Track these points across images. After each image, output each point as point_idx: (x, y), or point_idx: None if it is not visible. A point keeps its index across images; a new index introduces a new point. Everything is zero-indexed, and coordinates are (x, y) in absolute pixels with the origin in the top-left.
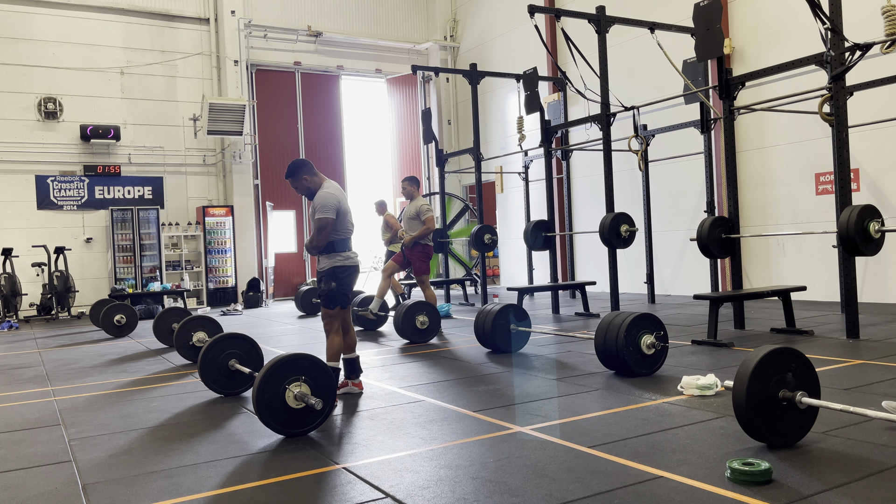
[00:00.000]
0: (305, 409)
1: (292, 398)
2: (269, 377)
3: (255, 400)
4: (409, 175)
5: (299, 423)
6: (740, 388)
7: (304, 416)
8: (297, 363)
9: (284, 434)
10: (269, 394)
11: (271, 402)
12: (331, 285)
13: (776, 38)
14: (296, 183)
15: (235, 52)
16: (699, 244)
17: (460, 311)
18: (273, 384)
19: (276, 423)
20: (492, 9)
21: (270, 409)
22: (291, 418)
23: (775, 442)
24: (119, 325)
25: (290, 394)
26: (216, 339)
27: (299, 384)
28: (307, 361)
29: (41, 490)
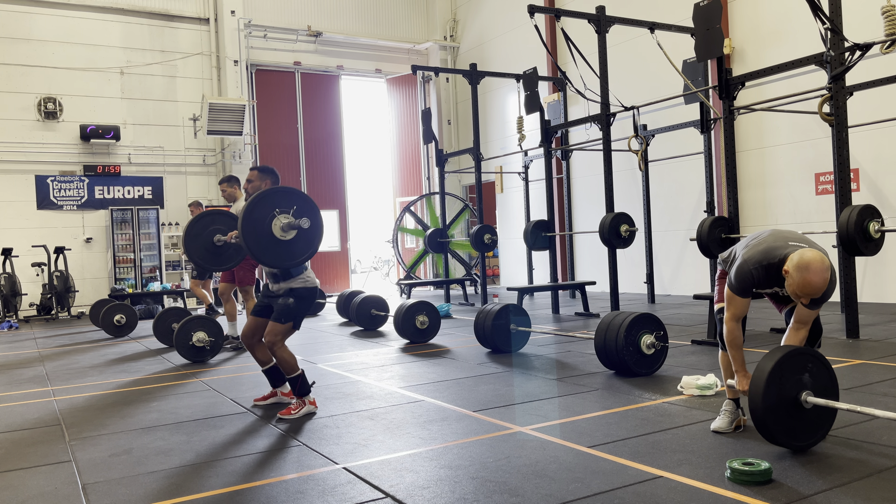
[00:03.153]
0: (296, 237)
1: (279, 229)
2: (249, 214)
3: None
4: (230, 174)
5: (292, 253)
6: (757, 390)
7: (298, 244)
8: (269, 198)
9: (281, 266)
10: (257, 229)
11: (260, 239)
12: (288, 301)
13: (776, 38)
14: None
15: (235, 52)
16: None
17: (460, 311)
18: (257, 216)
19: (268, 257)
20: (492, 9)
21: (259, 242)
22: (284, 251)
23: (791, 446)
24: (119, 325)
25: (276, 227)
26: (197, 216)
27: (282, 216)
28: (281, 193)
29: (41, 490)
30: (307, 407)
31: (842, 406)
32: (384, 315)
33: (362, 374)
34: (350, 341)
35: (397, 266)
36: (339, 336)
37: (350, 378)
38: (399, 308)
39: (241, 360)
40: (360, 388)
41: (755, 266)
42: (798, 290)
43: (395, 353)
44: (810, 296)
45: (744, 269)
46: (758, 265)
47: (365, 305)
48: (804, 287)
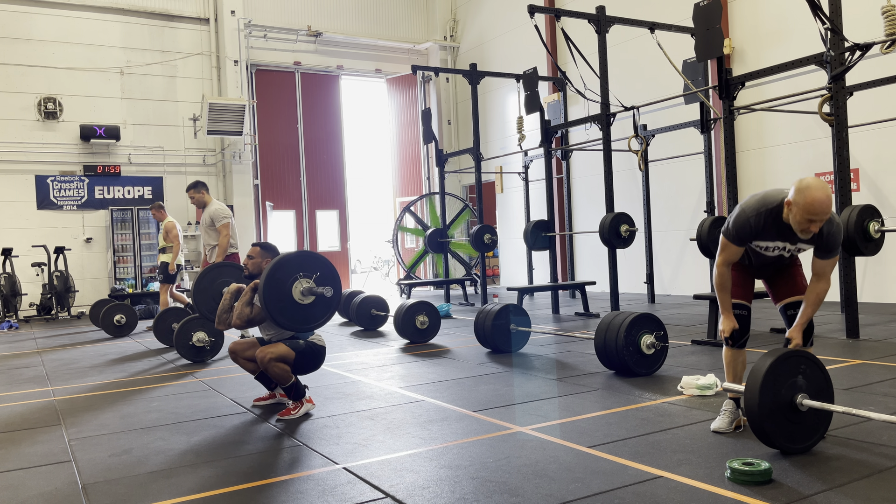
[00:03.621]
0: (315, 301)
1: (298, 294)
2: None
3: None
4: (196, 180)
5: (311, 317)
6: (752, 396)
7: (316, 308)
8: (307, 260)
9: (301, 330)
10: (276, 295)
11: (282, 301)
12: (299, 342)
13: (776, 38)
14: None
15: (235, 52)
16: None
17: (460, 311)
18: (280, 281)
19: (287, 321)
20: (492, 9)
21: (281, 308)
22: (300, 312)
23: (791, 449)
24: (119, 325)
25: (296, 291)
26: (206, 269)
27: (301, 281)
28: (303, 257)
29: (41, 490)
30: (305, 406)
31: (837, 409)
32: (384, 315)
33: (362, 374)
34: (350, 341)
35: (397, 266)
36: (339, 336)
37: (350, 378)
38: (399, 308)
39: None
40: (360, 388)
41: (753, 213)
42: (806, 212)
43: (395, 353)
44: (819, 216)
45: (741, 218)
46: (756, 212)
47: (365, 305)
48: (810, 206)
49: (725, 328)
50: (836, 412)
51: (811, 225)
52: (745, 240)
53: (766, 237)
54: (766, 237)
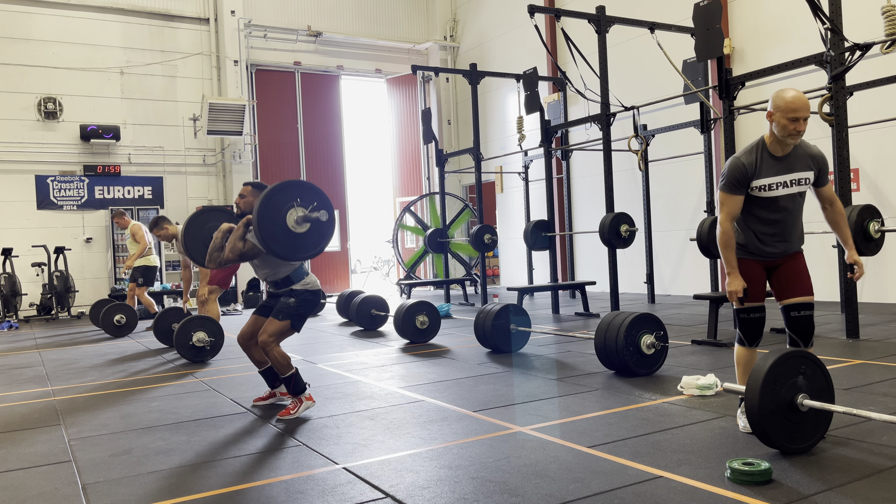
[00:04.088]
0: (311, 229)
1: (293, 223)
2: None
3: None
4: (155, 217)
5: (307, 245)
6: (753, 395)
7: (312, 237)
8: (286, 190)
9: (298, 259)
10: (270, 220)
11: (275, 229)
12: (289, 301)
13: (776, 38)
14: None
15: (235, 52)
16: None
17: (460, 311)
18: (272, 210)
19: (287, 253)
20: (492, 9)
21: (279, 243)
22: (299, 243)
23: (791, 449)
24: (119, 325)
25: (290, 220)
26: (197, 212)
27: (295, 209)
28: (294, 186)
29: (41, 490)
30: (305, 404)
31: (837, 409)
32: (384, 315)
33: (362, 374)
34: (350, 341)
35: (397, 266)
36: (339, 336)
37: (350, 378)
38: (399, 308)
39: (242, 360)
40: (360, 388)
41: (743, 154)
42: (787, 110)
43: (395, 353)
44: (800, 111)
45: (734, 163)
46: (744, 152)
47: (365, 305)
48: (789, 102)
49: (735, 287)
50: (836, 412)
51: (797, 124)
52: (742, 183)
53: (766, 173)
54: (765, 173)
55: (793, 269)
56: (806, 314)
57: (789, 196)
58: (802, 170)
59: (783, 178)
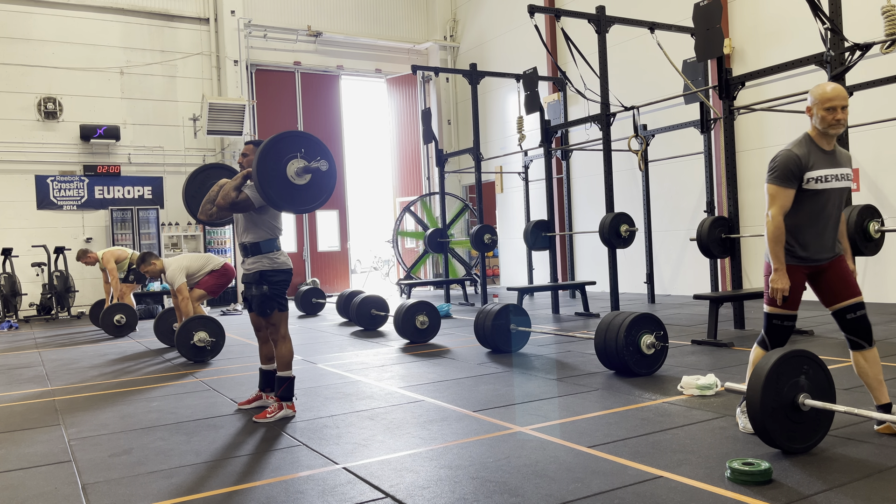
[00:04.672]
0: (311, 181)
1: (294, 175)
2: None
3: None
4: (143, 253)
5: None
6: (754, 394)
7: (312, 189)
8: (288, 140)
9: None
10: (270, 172)
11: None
12: (262, 289)
13: (776, 38)
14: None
15: (235, 52)
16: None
17: (460, 311)
18: (272, 161)
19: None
20: (492, 9)
21: (275, 188)
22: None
23: (792, 449)
24: (119, 325)
25: (290, 171)
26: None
27: (297, 160)
28: (297, 136)
29: (41, 490)
30: (284, 411)
31: (839, 409)
32: (384, 315)
33: (362, 374)
34: (350, 341)
35: (397, 266)
36: (339, 336)
37: (350, 378)
38: (399, 308)
39: (242, 359)
40: (360, 388)
41: (794, 146)
42: (824, 100)
43: (395, 353)
44: (837, 100)
45: (786, 155)
46: (795, 144)
47: (365, 305)
48: (826, 93)
49: (782, 285)
50: (837, 412)
51: (835, 114)
52: (796, 174)
53: (818, 165)
54: (817, 165)
55: (839, 273)
56: (861, 314)
57: (838, 192)
58: (846, 165)
59: (835, 172)
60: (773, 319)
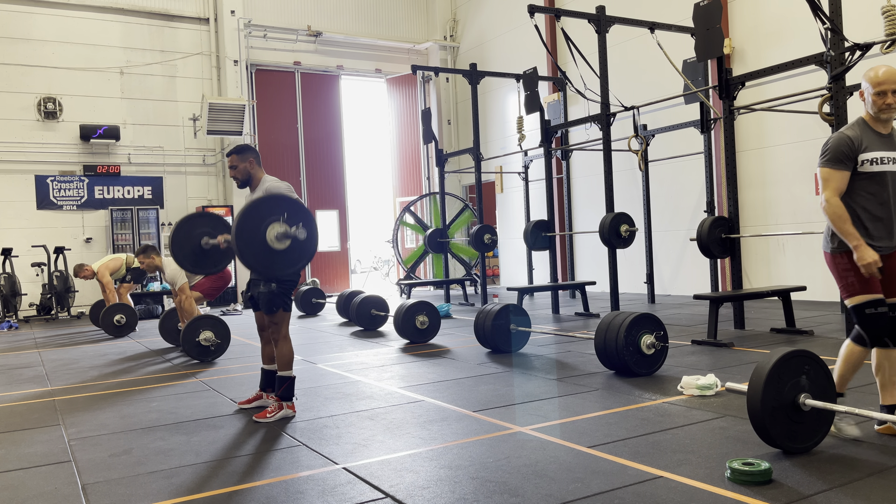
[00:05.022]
0: (291, 247)
1: (274, 239)
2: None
3: (238, 248)
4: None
5: (288, 262)
6: (755, 394)
7: (292, 254)
8: (272, 203)
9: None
10: (248, 236)
11: (253, 244)
12: (270, 286)
13: (776, 38)
14: (239, 161)
15: (235, 52)
16: (699, 244)
17: (460, 311)
18: (250, 228)
19: (263, 268)
20: (492, 9)
21: (253, 251)
22: (278, 260)
23: (792, 449)
24: (119, 325)
25: (270, 235)
26: (188, 216)
27: (278, 224)
28: (281, 199)
29: (41, 490)
30: (284, 411)
31: (839, 409)
32: (384, 315)
33: (362, 374)
34: (350, 341)
35: (397, 266)
36: (339, 336)
37: (350, 378)
38: (399, 308)
39: (242, 360)
40: (360, 388)
41: (846, 128)
42: (875, 83)
43: (395, 353)
44: (886, 84)
45: (838, 138)
46: (848, 127)
47: (365, 305)
48: (877, 76)
49: (868, 257)
50: (837, 412)
51: (886, 98)
52: (849, 156)
53: (873, 147)
54: (871, 147)
55: (891, 268)
56: None
57: (895, 175)
58: None
59: (892, 154)
60: (866, 309)
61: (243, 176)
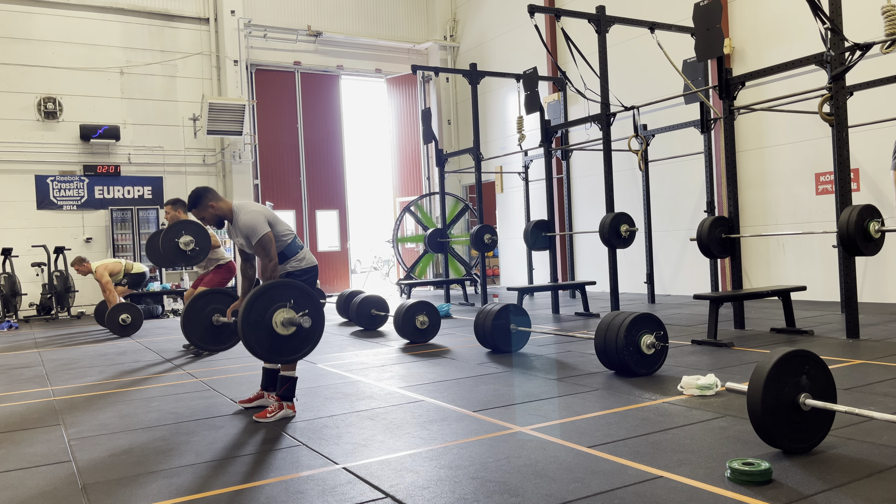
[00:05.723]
0: (295, 333)
1: (279, 325)
2: (252, 303)
3: (241, 329)
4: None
5: (291, 349)
6: (755, 393)
7: (293, 341)
8: (282, 289)
9: (274, 361)
10: (255, 319)
11: (258, 330)
12: None
13: (776, 38)
14: (201, 213)
15: (235, 52)
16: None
17: (460, 311)
18: (257, 312)
19: (265, 352)
20: (492, 9)
21: (259, 339)
22: (282, 345)
23: (792, 448)
24: (124, 325)
25: (276, 319)
26: (199, 293)
27: (285, 310)
28: (291, 287)
29: (41, 490)
30: (284, 411)
31: (840, 408)
32: (384, 315)
33: (362, 374)
34: (350, 341)
35: (397, 266)
36: (339, 336)
37: (350, 378)
38: (399, 308)
39: (243, 360)
40: (360, 388)
41: None
42: None
43: (395, 353)
44: None
45: None
46: None
47: (365, 305)
48: None
49: None
50: (837, 412)
51: None
52: None
53: None
54: None
55: None
56: None
57: None
58: None
59: None
60: None
61: (214, 220)
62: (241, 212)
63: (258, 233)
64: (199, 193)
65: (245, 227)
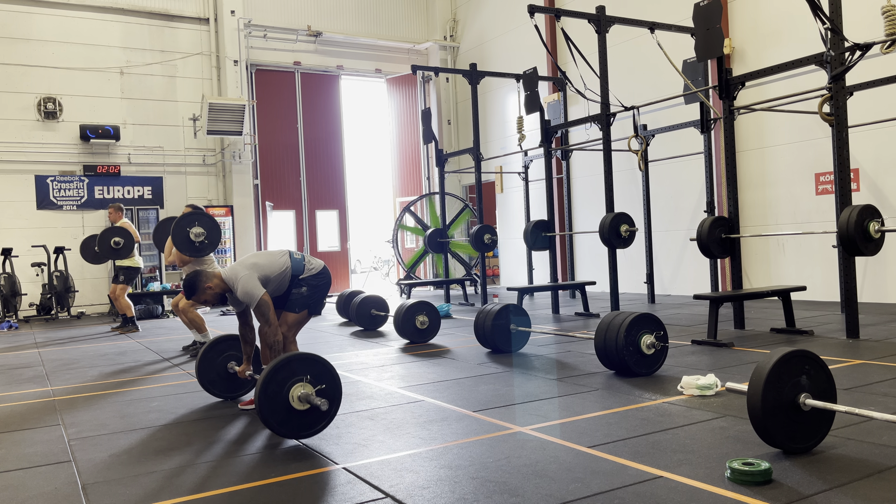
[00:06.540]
0: (310, 409)
1: (296, 399)
2: (272, 377)
3: (258, 399)
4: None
5: (303, 425)
6: (755, 393)
7: (308, 417)
8: (302, 363)
9: (287, 436)
10: (273, 391)
11: (274, 402)
12: (301, 290)
13: (776, 38)
14: (201, 297)
15: (235, 52)
16: (699, 244)
17: (460, 311)
18: (276, 384)
19: (278, 425)
20: (492, 9)
21: (273, 410)
22: (295, 420)
23: (793, 448)
24: (117, 248)
25: (293, 394)
26: (214, 340)
27: (303, 384)
28: (312, 361)
29: (41, 490)
30: None
31: (840, 408)
32: (384, 315)
33: (362, 374)
34: (350, 341)
35: (397, 266)
36: (339, 336)
37: (350, 378)
38: (399, 308)
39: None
40: (360, 388)
41: None
42: None
43: (395, 353)
44: None
45: None
46: None
47: (365, 305)
48: None
49: None
50: (837, 412)
51: None
52: None
53: None
54: None
55: None
56: None
57: None
58: None
59: None
60: None
61: (216, 299)
62: (236, 282)
63: (254, 298)
64: (191, 281)
65: (244, 297)
